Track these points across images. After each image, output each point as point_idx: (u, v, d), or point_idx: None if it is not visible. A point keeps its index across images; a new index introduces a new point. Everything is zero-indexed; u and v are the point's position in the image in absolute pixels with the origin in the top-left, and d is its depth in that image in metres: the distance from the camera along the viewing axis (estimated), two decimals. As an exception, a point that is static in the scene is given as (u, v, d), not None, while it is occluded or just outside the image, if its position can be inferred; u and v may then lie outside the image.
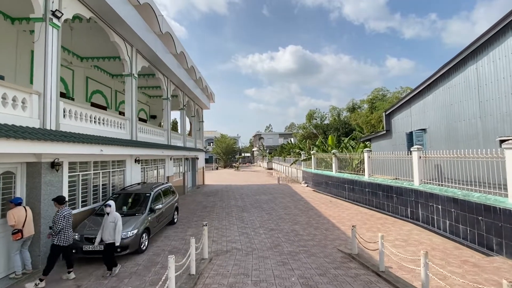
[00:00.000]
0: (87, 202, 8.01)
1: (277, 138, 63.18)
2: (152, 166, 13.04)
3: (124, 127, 10.16)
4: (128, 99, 10.68)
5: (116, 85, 16.23)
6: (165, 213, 8.85)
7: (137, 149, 9.95)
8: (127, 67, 10.52)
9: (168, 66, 13.46)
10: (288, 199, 14.96)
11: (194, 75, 18.19)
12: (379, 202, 11.51)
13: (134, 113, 10.82)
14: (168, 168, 14.85)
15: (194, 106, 21.35)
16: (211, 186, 22.84)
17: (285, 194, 16.89)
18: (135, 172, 10.80)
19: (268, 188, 19.95)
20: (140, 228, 6.90)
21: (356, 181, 13.31)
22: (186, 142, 18.25)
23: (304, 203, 13.63)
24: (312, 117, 60.72)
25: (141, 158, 11.51)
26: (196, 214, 11.60)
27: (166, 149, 13.01)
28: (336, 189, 15.40)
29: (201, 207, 13.19)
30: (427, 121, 10.63)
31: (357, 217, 10.36)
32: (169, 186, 9.97)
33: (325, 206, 12.60)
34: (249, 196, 16.24)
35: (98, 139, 7.42)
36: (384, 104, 41.36)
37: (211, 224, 9.72)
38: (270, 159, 46.35)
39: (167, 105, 14.96)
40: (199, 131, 24.37)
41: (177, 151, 15.14)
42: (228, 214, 11.45)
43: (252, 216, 10.87)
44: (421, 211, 9.14)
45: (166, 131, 14.64)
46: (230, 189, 19.95)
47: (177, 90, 17.00)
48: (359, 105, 56.08)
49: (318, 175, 18.06)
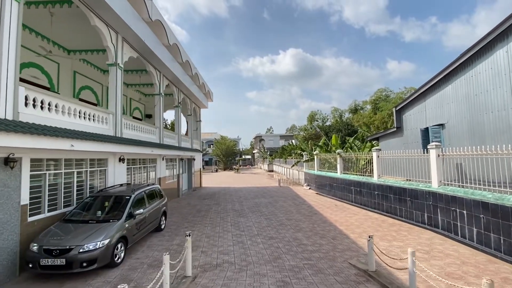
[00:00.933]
0: (57, 205, 6.93)
1: (278, 140, 62.09)
2: (141, 167, 11.96)
3: (107, 122, 9.11)
4: (112, 91, 9.64)
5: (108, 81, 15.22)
6: (149, 219, 7.75)
7: (121, 147, 8.88)
8: (110, 55, 9.50)
9: (160, 59, 12.45)
10: (290, 202, 13.83)
11: (189, 71, 17.19)
12: (390, 206, 10.38)
13: (119, 107, 9.78)
14: (159, 169, 13.77)
15: (191, 104, 20.34)
16: (208, 188, 21.73)
17: (286, 197, 15.76)
18: (119, 172, 9.73)
19: (268, 191, 18.82)
20: (114, 237, 5.80)
21: (364, 183, 12.19)
22: (181, 141, 17.19)
23: (307, 207, 12.49)
24: (314, 118, 59.70)
25: (127, 157, 10.45)
26: (187, 219, 10.48)
27: (157, 148, 11.95)
28: (342, 192, 14.26)
29: (194, 211, 12.08)
30: (446, 115, 9.53)
31: (367, 223, 9.22)
32: (155, 188, 8.87)
33: (330, 211, 11.46)
34: (248, 199, 15.11)
35: (68, 133, 6.36)
36: (388, 104, 40.27)
37: (203, 232, 8.60)
38: (270, 161, 45.22)
39: (159, 101, 13.92)
40: (196, 130, 23.32)
41: (170, 150, 14.09)
42: (223, 219, 10.33)
43: (250, 222, 9.75)
44: (441, 216, 8.00)
45: (158, 128, 13.59)
46: (228, 192, 18.83)
47: (172, 86, 15.98)
48: (361, 106, 55.05)
49: (321, 177, 16.93)
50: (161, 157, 13.97)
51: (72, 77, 12.94)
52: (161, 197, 9.02)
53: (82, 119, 7.82)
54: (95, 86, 14.85)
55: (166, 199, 9.46)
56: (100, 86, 15.42)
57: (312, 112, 59.29)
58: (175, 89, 16.51)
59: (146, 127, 12.24)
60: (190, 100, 20.05)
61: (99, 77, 14.45)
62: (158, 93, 13.87)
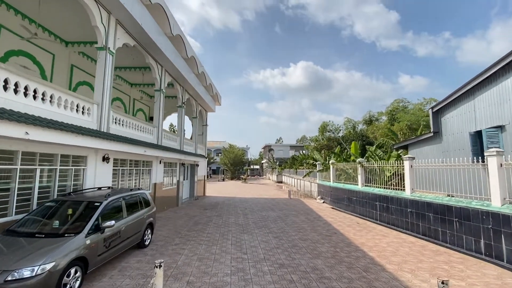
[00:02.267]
0: (7, 211, 5.40)
1: (288, 150, 60.19)
2: (132, 169, 10.43)
3: (89, 113, 7.69)
4: (99, 79, 8.28)
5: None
6: (128, 232, 6.09)
7: (104, 142, 7.39)
8: (100, 38, 8.19)
9: (161, 50, 11.15)
10: (302, 217, 11.92)
11: (195, 68, 15.91)
12: (429, 228, 8.39)
13: (107, 98, 8.38)
14: (155, 173, 12.22)
15: (196, 106, 19.00)
16: (212, 198, 20.01)
17: (298, 211, 13.83)
18: (102, 173, 8.21)
19: (278, 203, 16.92)
20: (64, 260, 4.16)
21: (393, 198, 10.22)
22: (183, 144, 15.71)
23: (324, 224, 10.56)
24: (326, 129, 57.67)
25: (114, 157, 8.96)
26: (181, 233, 8.76)
27: (151, 149, 10.44)
28: (363, 207, 12.26)
29: (191, 223, 10.36)
30: (507, 115, 7.61)
31: (404, 249, 7.24)
32: (140, 194, 7.25)
33: (353, 230, 9.50)
34: (254, 212, 13.28)
35: (22, 117, 4.88)
36: (408, 115, 37.99)
37: (195, 251, 6.85)
38: (280, 171, 43.22)
39: (159, 98, 12.56)
40: (201, 135, 21.91)
41: (169, 153, 12.57)
42: (223, 235, 8.55)
43: (255, 241, 7.93)
44: (506, 245, 6.02)
45: (156, 128, 12.15)
46: (232, 202, 17.04)
47: (175, 84, 14.67)
48: (376, 118, 52.78)
49: (338, 190, 14.95)
50: (158, 160, 12.46)
51: (68, 70, 11.81)
52: (147, 205, 7.37)
53: (56, 106, 6.40)
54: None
55: (154, 209, 7.81)
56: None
57: (324, 123, 57.31)
58: (179, 87, 15.19)
59: (142, 124, 10.80)
60: (196, 101, 18.73)
61: None
62: (159, 89, 12.52)
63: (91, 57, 12.67)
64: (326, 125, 57.55)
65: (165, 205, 13.36)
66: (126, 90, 16.80)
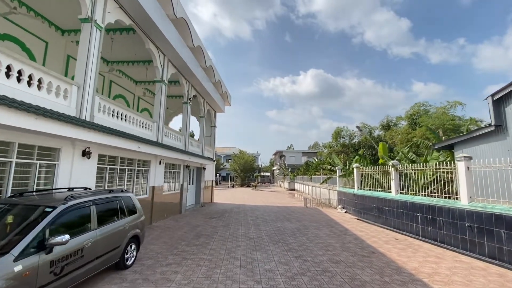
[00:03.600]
0: None
1: (300, 156, 57.97)
2: (124, 169, 8.84)
3: (66, 97, 6.19)
4: (82, 57, 6.81)
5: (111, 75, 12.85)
6: (98, 250, 4.40)
7: (82, 132, 5.84)
8: (84, 5, 6.77)
9: (162, 34, 9.72)
10: (326, 230, 9.94)
11: (203, 61, 14.46)
12: (501, 250, 6.32)
13: (91, 80, 6.90)
14: (154, 175, 10.61)
15: (204, 104, 17.51)
16: (219, 204, 18.23)
17: (319, 222, 11.84)
18: (81, 171, 6.64)
19: (293, 212, 14.95)
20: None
21: (441, 208, 8.18)
22: (188, 145, 14.14)
23: (354, 239, 8.55)
24: (340, 135, 55.29)
25: (101, 152, 7.41)
26: (177, 248, 7.01)
27: (147, 145, 8.86)
28: (399, 220, 10.18)
29: (192, 235, 8.60)
30: None
31: (478, 280, 5.20)
32: (123, 198, 5.57)
33: (394, 249, 7.47)
34: (267, 223, 11.39)
35: None
36: (432, 119, 35.41)
37: (191, 277, 5.06)
38: (292, 178, 41.08)
39: (160, 90, 11.08)
40: (210, 137, 20.36)
41: (171, 152, 10.98)
42: (230, 253, 6.73)
43: (271, 262, 6.06)
44: None
45: (156, 123, 10.62)
46: (242, 210, 15.21)
47: (180, 77, 13.22)
48: (395, 122, 50.11)
49: (364, 198, 12.88)
50: (158, 160, 10.87)
51: (64, 61, 10.59)
52: (131, 213, 5.68)
53: (15, 80, 4.90)
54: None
55: (142, 218, 6.11)
56: (101, 78, 13.06)
57: (338, 128, 54.85)
58: (185, 81, 13.73)
59: (138, 117, 9.27)
60: (203, 99, 17.25)
61: (101, 67, 12.07)
62: (160, 79, 11.06)
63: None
64: (340, 130, 55.12)
65: (166, 212, 11.70)
66: (130, 87, 15.54)
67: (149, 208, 10.11)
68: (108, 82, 13.83)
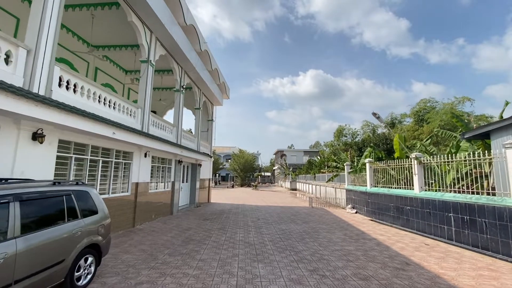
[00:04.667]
0: None
1: (302, 155, 56.42)
2: (98, 160, 7.31)
3: (11, 62, 4.71)
4: (36, 14, 5.33)
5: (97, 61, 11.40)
6: (18, 270, 2.89)
7: (28, 106, 4.37)
8: None
9: (148, 3, 8.25)
10: (339, 233, 8.42)
11: (197, 45, 12.97)
12: None
13: (48, 48, 5.41)
14: (138, 169, 9.09)
15: (200, 95, 16.01)
16: (217, 205, 16.72)
17: (329, 223, 10.33)
18: (31, 159, 5.14)
19: (298, 213, 13.44)
20: None
21: (484, 208, 6.68)
22: (181, 137, 12.64)
23: (376, 245, 7.04)
24: (342, 133, 53.80)
25: (60, 137, 5.90)
26: (157, 258, 5.51)
27: (126, 132, 7.36)
28: (425, 221, 8.68)
29: (180, 240, 7.09)
30: None
31: None
32: (75, 193, 4.04)
33: (430, 258, 5.96)
34: (270, 224, 9.88)
35: None
36: (439, 115, 33.93)
37: (166, 304, 3.56)
38: (294, 177, 39.55)
39: (146, 71, 9.58)
40: (207, 132, 18.86)
41: (158, 143, 9.48)
42: (224, 265, 5.22)
43: (278, 280, 4.55)
44: None
45: (140, 109, 9.12)
46: (241, 211, 13.70)
47: (170, 60, 11.73)
48: (399, 120, 48.62)
49: (380, 196, 11.37)
50: (142, 153, 9.36)
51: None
52: (88, 214, 4.17)
53: None
54: (77, 62, 11.02)
55: (107, 221, 4.61)
56: (85, 64, 11.64)
57: (340, 127, 53.42)
58: (176, 66, 12.23)
59: (117, 100, 7.76)
60: (199, 89, 15.76)
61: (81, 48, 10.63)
62: (146, 59, 9.56)
63: (72, 31, 10.11)
64: (342, 129, 53.67)
65: (153, 212, 10.19)
66: (119, 76, 14.08)
67: (131, 208, 8.61)
68: (93, 69, 12.37)
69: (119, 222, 7.97)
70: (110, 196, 7.63)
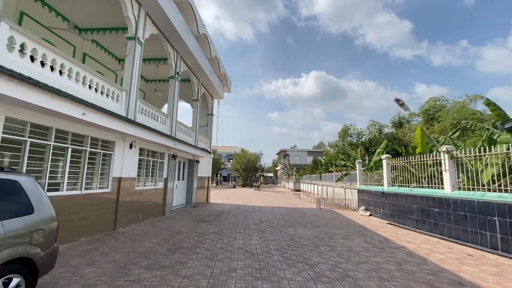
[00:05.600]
0: None
1: (305, 156, 54.98)
2: (65, 147, 6.00)
3: None
4: None
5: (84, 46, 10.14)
6: None
7: None
8: None
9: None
10: (359, 240, 7.03)
11: (194, 26, 11.68)
12: None
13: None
14: (121, 162, 7.78)
15: (198, 85, 14.73)
16: (216, 205, 15.39)
17: (343, 228, 8.94)
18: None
19: (305, 215, 12.06)
20: None
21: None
22: (175, 129, 11.34)
23: (408, 256, 5.65)
24: (347, 133, 52.35)
25: (7, 114, 4.60)
26: (129, 273, 4.18)
27: (105, 116, 6.07)
28: (459, 226, 7.29)
29: (166, 248, 5.76)
30: None
31: None
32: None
33: (484, 275, 4.56)
34: (275, 228, 8.52)
35: None
36: (450, 114, 32.44)
37: None
38: (297, 178, 38.11)
39: (132, 49, 8.30)
40: (206, 127, 17.57)
41: (146, 132, 8.18)
42: (217, 285, 3.88)
43: (291, 308, 3.21)
44: None
45: (125, 92, 7.83)
46: (242, 212, 12.35)
47: (165, 42, 10.44)
48: (407, 119, 47.07)
49: (400, 197, 9.96)
50: (127, 142, 8.05)
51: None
52: (12, 214, 2.85)
53: None
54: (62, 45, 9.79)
55: (52, 224, 3.28)
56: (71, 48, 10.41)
57: (345, 126, 51.97)
58: (171, 49, 10.94)
59: (91, 76, 6.46)
60: (197, 79, 14.47)
61: (59, 24, 9.39)
62: (133, 36, 8.29)
63: (49, 6, 8.90)
64: (348, 129, 52.15)
65: (141, 213, 8.88)
66: (111, 65, 12.78)
67: (111, 207, 7.29)
68: (81, 55, 11.13)
69: (95, 224, 6.66)
70: (83, 193, 6.33)
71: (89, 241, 6.12)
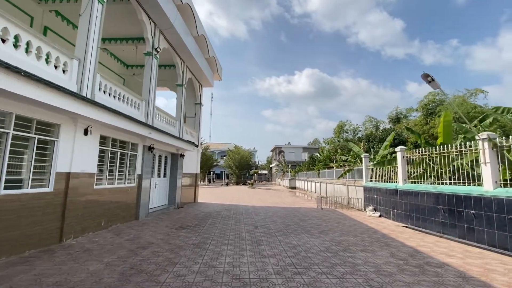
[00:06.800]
0: None
1: (300, 152, 53.53)
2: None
3: None
4: None
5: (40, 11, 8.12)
6: None
7: None
8: None
9: None
10: (383, 253, 5.38)
11: (176, -7, 9.78)
12: None
13: None
14: (70, 151, 5.90)
15: (184, 68, 12.82)
16: (205, 205, 13.59)
17: (356, 234, 7.29)
18: None
19: (306, 216, 10.39)
20: None
21: None
22: (152, 115, 9.48)
23: (462, 278, 4.01)
24: (343, 130, 51.06)
25: None
26: None
27: (30, 83, 4.20)
28: (506, 233, 5.72)
29: (117, 273, 3.98)
30: None
31: None
32: None
33: None
34: (273, 236, 6.79)
35: None
36: (451, 107, 31.31)
37: None
38: (293, 175, 36.57)
39: (89, 4, 6.40)
40: (194, 117, 15.72)
41: (110, 116, 6.31)
42: None
43: None
44: None
45: (78, 61, 5.94)
46: (234, 214, 10.60)
47: (137, 8, 8.54)
48: (405, 115, 45.99)
49: (419, 196, 8.36)
50: (80, 126, 6.17)
51: None
52: None
53: None
54: (22, 18, 7.80)
55: None
56: (28, 18, 8.39)
57: (341, 122, 50.68)
58: (145, 17, 9.01)
59: (26, 36, 4.59)
60: (181, 61, 12.57)
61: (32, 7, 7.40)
62: (90, -10, 6.38)
63: None
64: (344, 125, 50.90)
65: (105, 218, 7.03)
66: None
67: (55, 212, 5.43)
68: (41, 26, 9.14)
69: (28, 236, 4.81)
70: (3, 193, 4.47)
71: (9, 262, 4.28)
